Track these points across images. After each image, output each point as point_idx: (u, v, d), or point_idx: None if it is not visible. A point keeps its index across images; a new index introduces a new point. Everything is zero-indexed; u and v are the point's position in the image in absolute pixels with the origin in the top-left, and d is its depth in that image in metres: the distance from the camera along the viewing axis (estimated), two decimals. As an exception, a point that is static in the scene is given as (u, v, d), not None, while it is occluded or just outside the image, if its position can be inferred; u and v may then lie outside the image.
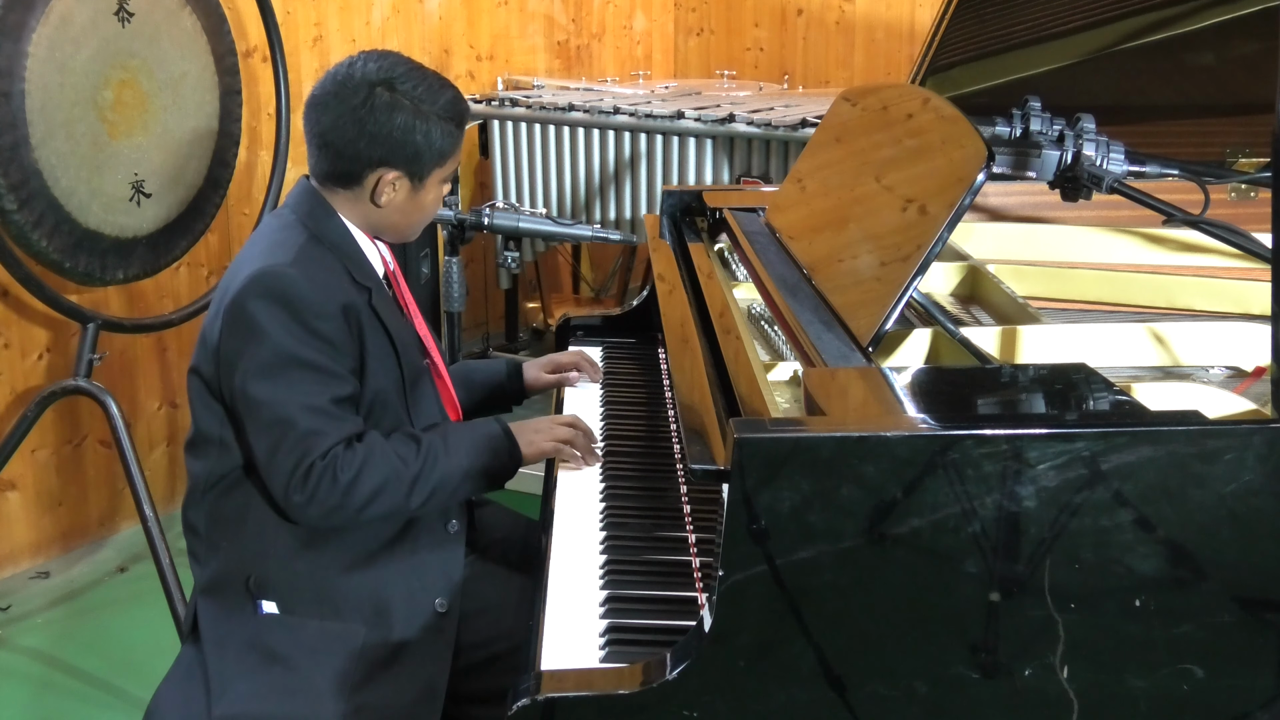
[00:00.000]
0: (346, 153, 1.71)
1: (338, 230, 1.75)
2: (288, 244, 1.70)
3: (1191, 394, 1.48)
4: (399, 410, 1.76)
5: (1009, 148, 1.79)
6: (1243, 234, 1.56)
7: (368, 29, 4.11)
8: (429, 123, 1.71)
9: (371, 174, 1.72)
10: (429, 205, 1.80)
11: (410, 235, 1.83)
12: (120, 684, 2.76)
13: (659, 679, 1.20)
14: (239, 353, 1.64)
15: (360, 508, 1.64)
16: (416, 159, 1.72)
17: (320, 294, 1.65)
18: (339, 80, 1.71)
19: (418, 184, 1.75)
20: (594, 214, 4.01)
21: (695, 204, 2.40)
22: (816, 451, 1.15)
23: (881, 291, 1.52)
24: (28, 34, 2.60)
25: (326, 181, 1.76)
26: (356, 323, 1.69)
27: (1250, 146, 2.23)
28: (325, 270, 1.69)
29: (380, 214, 1.76)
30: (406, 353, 1.77)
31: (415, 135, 1.70)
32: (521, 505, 2.09)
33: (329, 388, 1.65)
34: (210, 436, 1.73)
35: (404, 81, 1.71)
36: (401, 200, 1.75)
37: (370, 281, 1.74)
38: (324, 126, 1.72)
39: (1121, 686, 1.20)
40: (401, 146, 1.70)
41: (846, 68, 5.13)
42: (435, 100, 1.72)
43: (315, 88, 1.74)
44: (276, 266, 1.65)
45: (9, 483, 3.16)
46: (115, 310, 3.31)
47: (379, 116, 1.69)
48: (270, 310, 1.63)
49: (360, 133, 1.69)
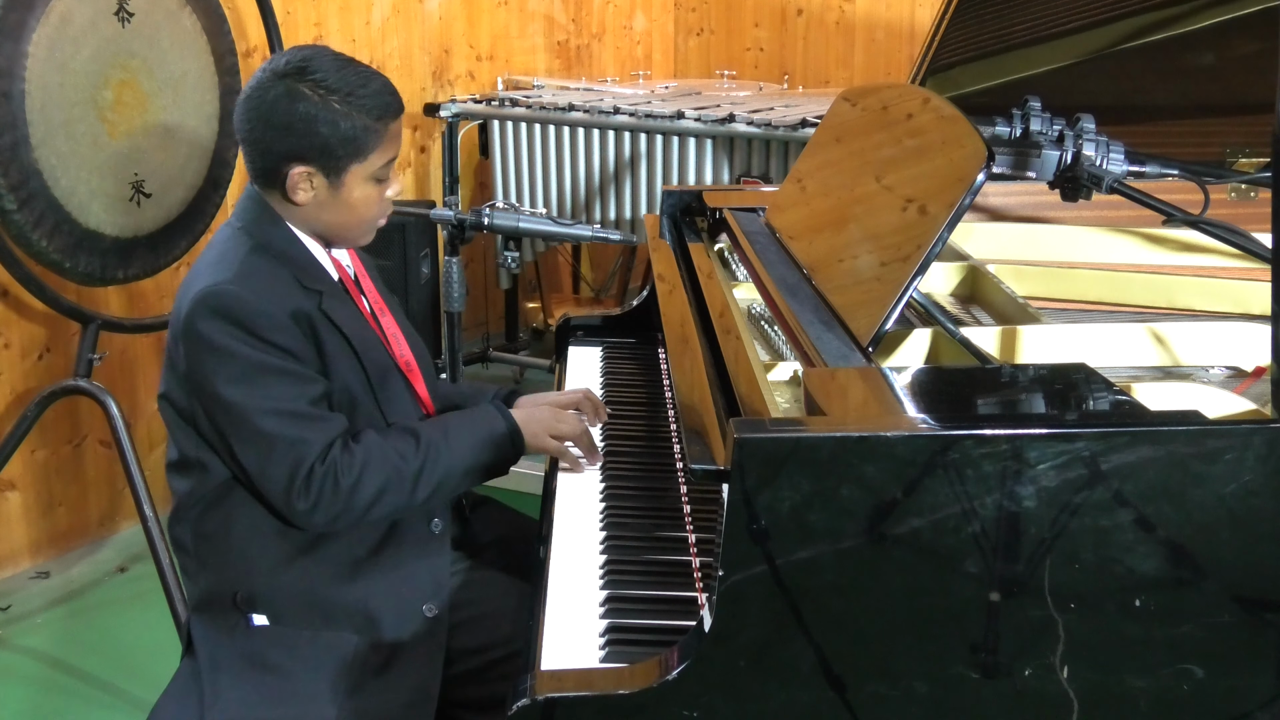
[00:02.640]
0: (259, 149, 1.68)
1: (283, 237, 1.71)
2: (228, 258, 1.67)
3: (1191, 394, 1.48)
4: (370, 408, 1.74)
5: (1009, 148, 1.79)
6: (1243, 234, 1.56)
7: (368, 29, 4.11)
8: (335, 114, 1.64)
9: (284, 169, 1.67)
10: (359, 204, 1.71)
11: (356, 239, 1.76)
12: (120, 684, 2.77)
13: (659, 679, 1.20)
14: (206, 373, 1.63)
15: (365, 509, 1.64)
16: (326, 152, 1.65)
17: (266, 304, 1.62)
18: (256, 77, 1.68)
19: (335, 180, 1.68)
20: (594, 214, 4.01)
21: (695, 204, 2.39)
22: (816, 451, 1.15)
23: (881, 291, 1.52)
24: (28, 34, 2.60)
25: (258, 183, 1.73)
26: (309, 326, 1.66)
27: (1250, 146, 2.23)
28: (269, 279, 1.66)
29: (309, 214, 1.71)
30: (369, 352, 1.74)
31: (319, 126, 1.64)
32: (521, 504, 2.09)
33: (302, 390, 1.64)
34: (190, 459, 1.73)
35: (315, 72, 1.65)
36: (324, 198, 1.69)
37: (320, 285, 1.71)
38: (242, 123, 1.69)
39: (1121, 686, 1.20)
40: (306, 138, 1.64)
41: (846, 68, 5.13)
42: (349, 92, 1.65)
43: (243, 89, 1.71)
44: (218, 285, 1.63)
45: (9, 483, 3.16)
46: (115, 310, 3.31)
47: (280, 107, 1.64)
48: (223, 328, 1.61)
49: (266, 126, 1.65)
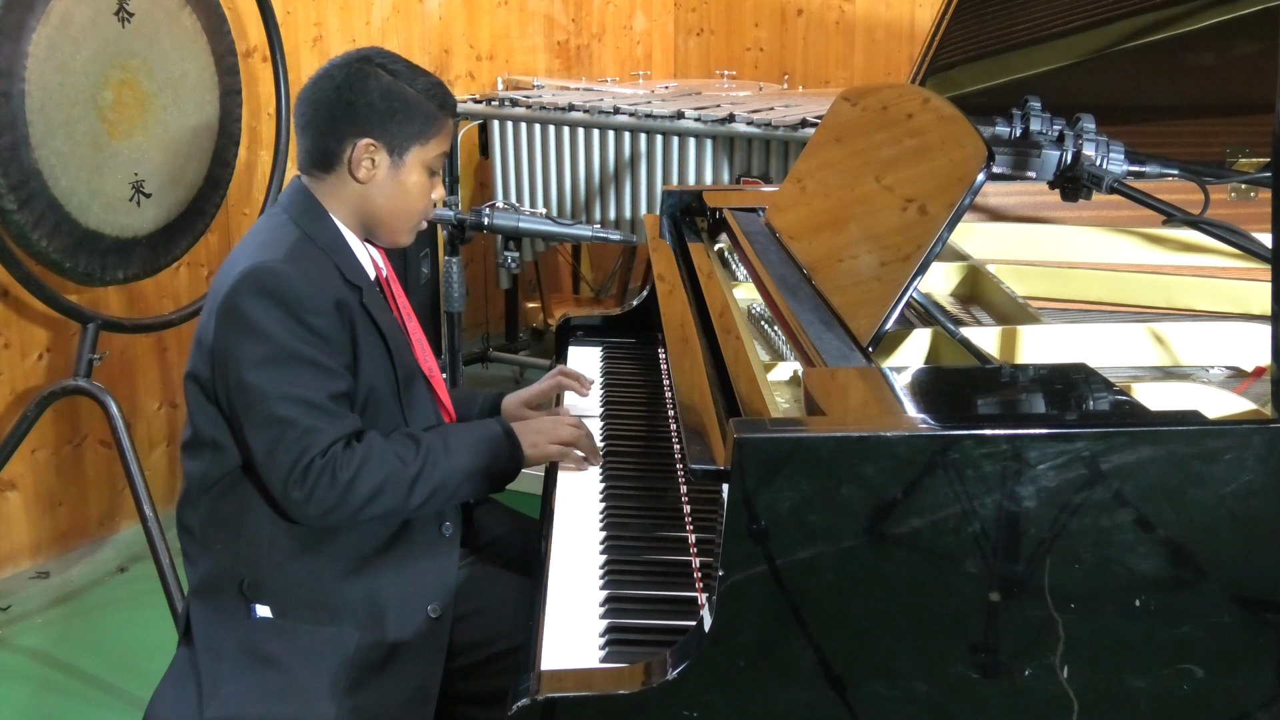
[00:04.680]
0: (326, 127, 1.73)
1: (329, 230, 1.75)
2: (280, 241, 1.70)
3: (1191, 394, 1.48)
4: (394, 410, 1.76)
5: (1009, 148, 1.79)
6: (1243, 234, 1.56)
7: (368, 29, 4.11)
8: (406, 93, 1.74)
9: (349, 145, 1.73)
10: (413, 190, 1.77)
11: (401, 233, 1.80)
12: (120, 684, 2.76)
13: (659, 679, 1.20)
14: (234, 350, 1.64)
15: (359, 507, 1.64)
16: (393, 127, 1.73)
17: (313, 289, 1.65)
18: (323, 69, 1.77)
19: (397, 159, 1.74)
20: (594, 214, 4.01)
21: (695, 204, 2.39)
22: (816, 451, 1.15)
23: (881, 291, 1.52)
24: (28, 34, 2.60)
25: (312, 170, 1.77)
26: (349, 319, 1.68)
27: (1250, 146, 2.23)
28: (317, 267, 1.69)
29: (366, 199, 1.75)
30: (399, 353, 1.76)
31: (392, 102, 1.73)
32: (521, 504, 2.09)
33: (326, 383, 1.65)
34: (205, 438, 1.72)
35: (382, 57, 1.76)
36: (382, 177, 1.75)
37: (361, 281, 1.74)
38: (305, 108, 1.76)
39: (1121, 686, 1.20)
40: (377, 113, 1.72)
41: (846, 68, 5.13)
42: (414, 78, 1.76)
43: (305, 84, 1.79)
44: (269, 263, 1.65)
45: (9, 483, 3.16)
46: (115, 310, 3.31)
47: (355, 84, 1.72)
48: (264, 306, 1.62)
49: (338, 101, 1.73)
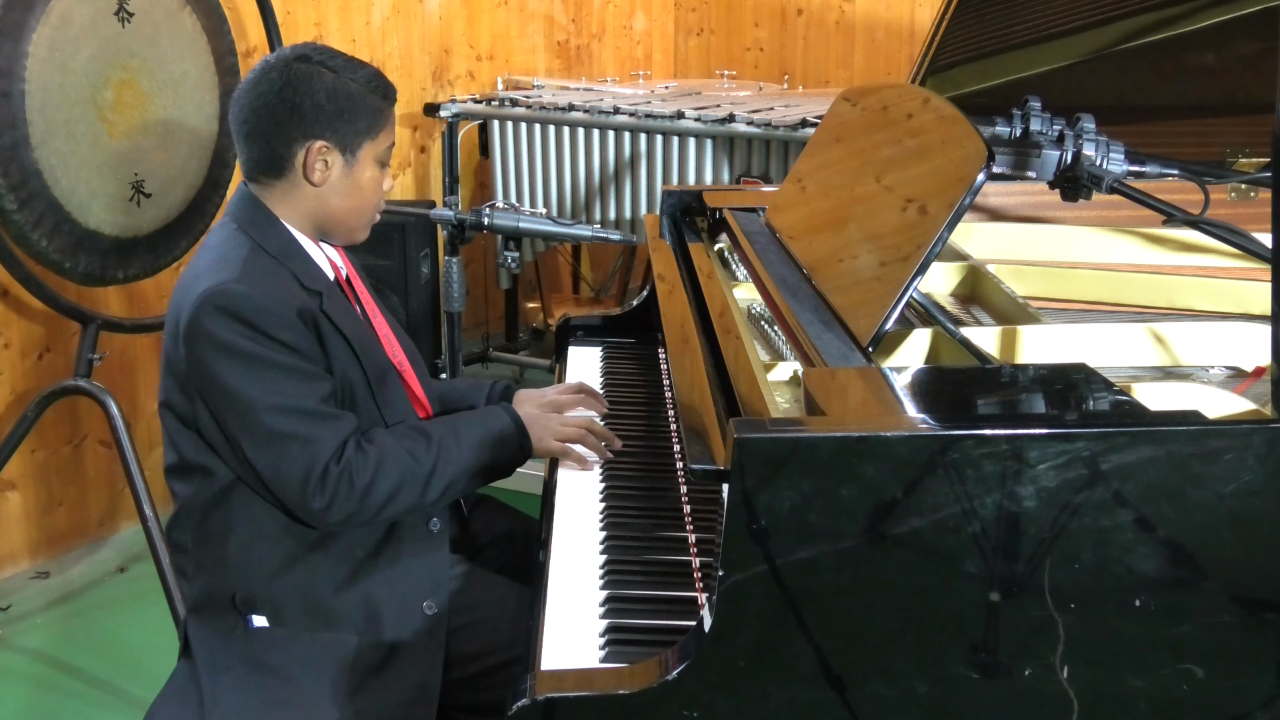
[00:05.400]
0: (272, 133, 1.69)
1: (281, 237, 1.72)
2: (231, 258, 1.67)
3: (1191, 394, 1.48)
4: (370, 409, 1.74)
5: (1009, 148, 1.79)
6: (1243, 234, 1.56)
7: (368, 29, 4.11)
8: (351, 90, 1.69)
9: (300, 149, 1.69)
10: (368, 186, 1.75)
11: (358, 230, 1.78)
12: (119, 684, 2.77)
13: (659, 679, 1.20)
14: (212, 369, 1.62)
15: (378, 509, 1.65)
16: (343, 126, 1.69)
17: (272, 303, 1.62)
18: (256, 71, 1.72)
19: (350, 157, 1.71)
20: (594, 214, 4.01)
21: (695, 204, 2.39)
22: (816, 451, 1.15)
23: (881, 291, 1.52)
24: (28, 34, 2.60)
25: (260, 177, 1.73)
26: (314, 326, 1.67)
27: (1250, 146, 2.23)
28: (273, 279, 1.66)
29: (320, 201, 1.73)
30: (367, 353, 1.74)
31: (339, 100, 1.68)
32: (521, 504, 2.09)
33: (312, 388, 1.64)
34: (191, 463, 1.72)
35: (320, 54, 1.71)
36: (336, 178, 1.72)
37: (319, 286, 1.72)
38: (247, 114, 1.70)
39: (1121, 686, 1.20)
40: (325, 114, 1.68)
41: (846, 68, 5.13)
42: (354, 71, 1.71)
43: (237, 87, 1.73)
44: (225, 284, 1.62)
45: (9, 483, 3.16)
46: (115, 310, 3.31)
47: (298, 85, 1.67)
48: (229, 324, 1.61)
49: (281, 105, 1.68)
